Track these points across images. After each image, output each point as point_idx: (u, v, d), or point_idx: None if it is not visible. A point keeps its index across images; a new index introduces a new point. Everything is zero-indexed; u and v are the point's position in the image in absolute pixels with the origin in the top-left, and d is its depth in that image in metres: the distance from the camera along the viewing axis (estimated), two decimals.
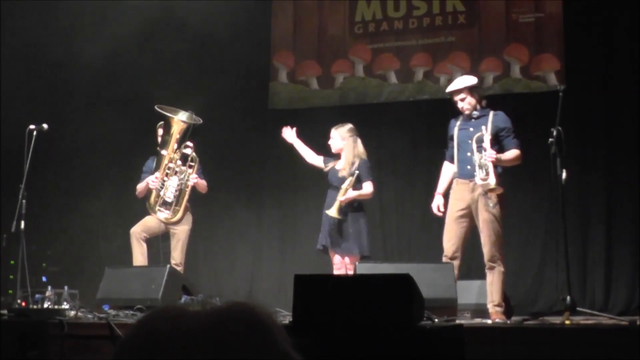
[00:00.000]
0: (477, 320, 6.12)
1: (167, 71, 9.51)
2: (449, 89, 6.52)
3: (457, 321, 5.36)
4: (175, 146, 7.22)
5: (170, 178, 7.20)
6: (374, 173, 7.16)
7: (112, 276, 6.41)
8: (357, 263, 6.30)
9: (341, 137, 6.97)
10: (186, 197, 7.20)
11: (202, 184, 7.32)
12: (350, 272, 6.54)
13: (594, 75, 8.31)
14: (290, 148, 8.04)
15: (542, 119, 6.82)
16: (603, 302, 7.86)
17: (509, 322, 5.81)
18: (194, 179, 7.19)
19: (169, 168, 7.21)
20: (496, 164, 6.04)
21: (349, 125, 7.02)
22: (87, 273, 8.41)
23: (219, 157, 8.89)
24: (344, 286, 4.27)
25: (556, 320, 5.56)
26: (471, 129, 6.26)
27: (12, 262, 8.41)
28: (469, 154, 6.18)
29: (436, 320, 5.01)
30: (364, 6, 9.35)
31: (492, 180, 5.93)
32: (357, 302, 4.00)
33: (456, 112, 6.54)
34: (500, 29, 8.77)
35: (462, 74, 8.71)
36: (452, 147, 6.44)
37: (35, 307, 6.02)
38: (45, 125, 7.17)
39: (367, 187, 6.87)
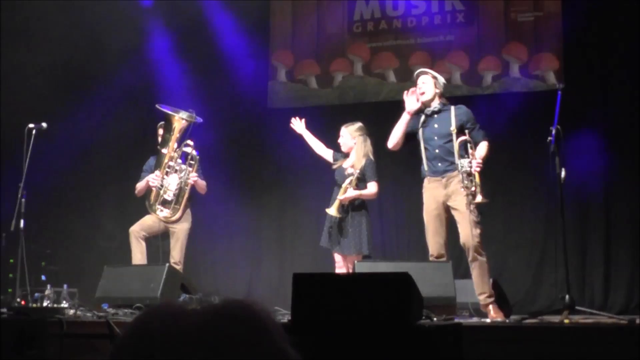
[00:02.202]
0: (476, 319, 6.11)
1: (166, 71, 9.53)
2: (419, 70, 6.56)
3: (456, 320, 5.36)
4: (176, 145, 7.23)
5: (170, 176, 7.20)
6: None
7: (111, 275, 6.41)
8: (355, 262, 6.28)
9: (351, 136, 6.94)
10: (186, 195, 7.20)
11: (202, 184, 7.31)
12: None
13: (593, 74, 8.31)
14: (290, 147, 8.06)
15: (541, 118, 6.82)
16: (602, 301, 7.86)
17: (507, 320, 5.81)
18: (193, 177, 7.18)
19: (169, 166, 7.21)
20: (480, 166, 6.02)
21: (359, 124, 6.99)
22: (87, 272, 8.42)
23: (218, 156, 8.89)
24: (342, 285, 4.27)
25: (555, 319, 5.56)
26: (436, 126, 6.25)
27: (11, 260, 8.41)
28: (437, 150, 6.17)
29: (435, 318, 5.02)
30: (363, 5, 9.36)
31: (478, 197, 5.92)
32: (355, 301, 4.00)
33: None
34: (499, 28, 8.78)
35: (461, 73, 8.75)
36: (417, 146, 6.42)
37: (34, 305, 6.03)
38: (44, 124, 7.18)
39: (371, 187, 6.84)
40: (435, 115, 6.29)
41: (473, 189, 5.94)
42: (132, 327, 1.03)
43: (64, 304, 6.13)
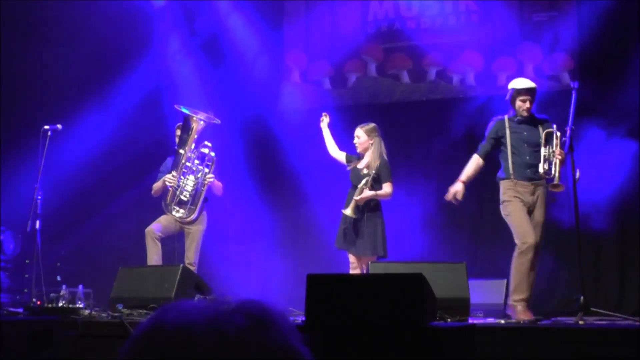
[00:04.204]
0: (490, 320, 6.10)
1: (182, 72, 9.57)
2: (527, 85, 6.38)
3: (470, 321, 5.35)
4: (193, 145, 7.23)
5: (187, 177, 7.21)
6: None
7: (126, 275, 6.43)
8: (369, 262, 6.28)
9: (368, 137, 6.93)
10: (202, 196, 7.21)
11: (218, 185, 7.32)
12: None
13: (608, 74, 8.27)
14: (304, 148, 8.07)
15: (556, 118, 6.79)
16: (617, 302, 7.83)
17: (521, 322, 5.79)
18: (210, 178, 7.19)
19: (186, 167, 7.21)
20: (561, 163, 6.04)
21: (374, 124, 6.98)
22: (102, 272, 8.45)
23: (232, 157, 8.91)
24: (356, 285, 4.28)
25: (569, 320, 5.55)
26: (525, 133, 6.27)
27: (27, 261, 8.47)
28: (527, 157, 6.19)
29: (449, 319, 5.01)
30: (377, 6, 9.35)
31: (556, 179, 5.94)
32: (369, 302, 4.01)
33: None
34: (514, 28, 8.75)
35: (475, 74, 8.72)
36: (491, 146, 6.41)
37: (49, 305, 6.06)
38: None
39: (387, 188, 6.85)
40: (524, 124, 6.31)
41: (553, 173, 5.96)
42: (147, 321, 1.04)
43: (79, 305, 6.15)
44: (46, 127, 7.19)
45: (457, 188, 6.43)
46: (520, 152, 6.24)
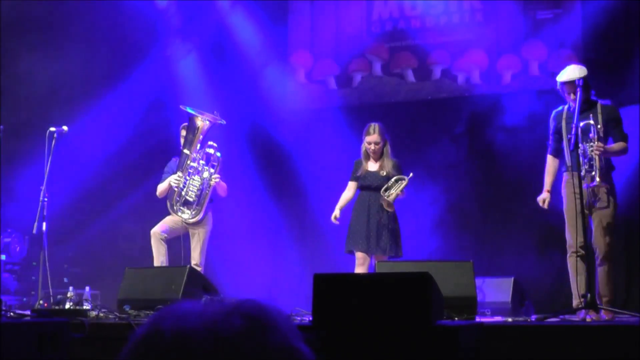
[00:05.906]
0: (497, 318, 6.09)
1: (185, 73, 9.58)
2: (569, 77, 6.15)
3: (477, 319, 5.35)
4: (199, 146, 7.23)
5: (193, 177, 7.20)
6: None
7: (133, 276, 6.43)
8: (377, 262, 6.28)
9: (382, 139, 6.93)
10: (207, 197, 7.20)
11: (223, 186, 7.32)
12: None
13: (612, 71, 8.25)
14: (309, 148, 8.07)
15: None
16: (624, 299, 7.81)
17: (529, 320, 5.78)
18: (216, 178, 7.19)
19: (191, 167, 7.21)
20: (603, 155, 5.95)
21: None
22: (108, 274, 8.46)
23: (238, 157, 8.91)
24: (363, 285, 4.27)
25: (577, 317, 5.54)
26: (581, 123, 6.02)
27: (34, 263, 8.49)
28: (581, 145, 5.91)
29: (456, 318, 5.01)
30: (381, 5, 9.35)
31: (597, 178, 5.85)
32: (376, 301, 4.01)
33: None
34: (518, 26, 8.73)
35: (480, 72, 8.70)
36: (556, 141, 6.29)
37: (56, 307, 6.06)
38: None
39: None
40: (582, 113, 6.05)
41: (593, 173, 5.87)
42: (143, 328, 1.04)
43: (86, 306, 6.16)
44: (52, 129, 7.20)
45: (544, 197, 6.35)
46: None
